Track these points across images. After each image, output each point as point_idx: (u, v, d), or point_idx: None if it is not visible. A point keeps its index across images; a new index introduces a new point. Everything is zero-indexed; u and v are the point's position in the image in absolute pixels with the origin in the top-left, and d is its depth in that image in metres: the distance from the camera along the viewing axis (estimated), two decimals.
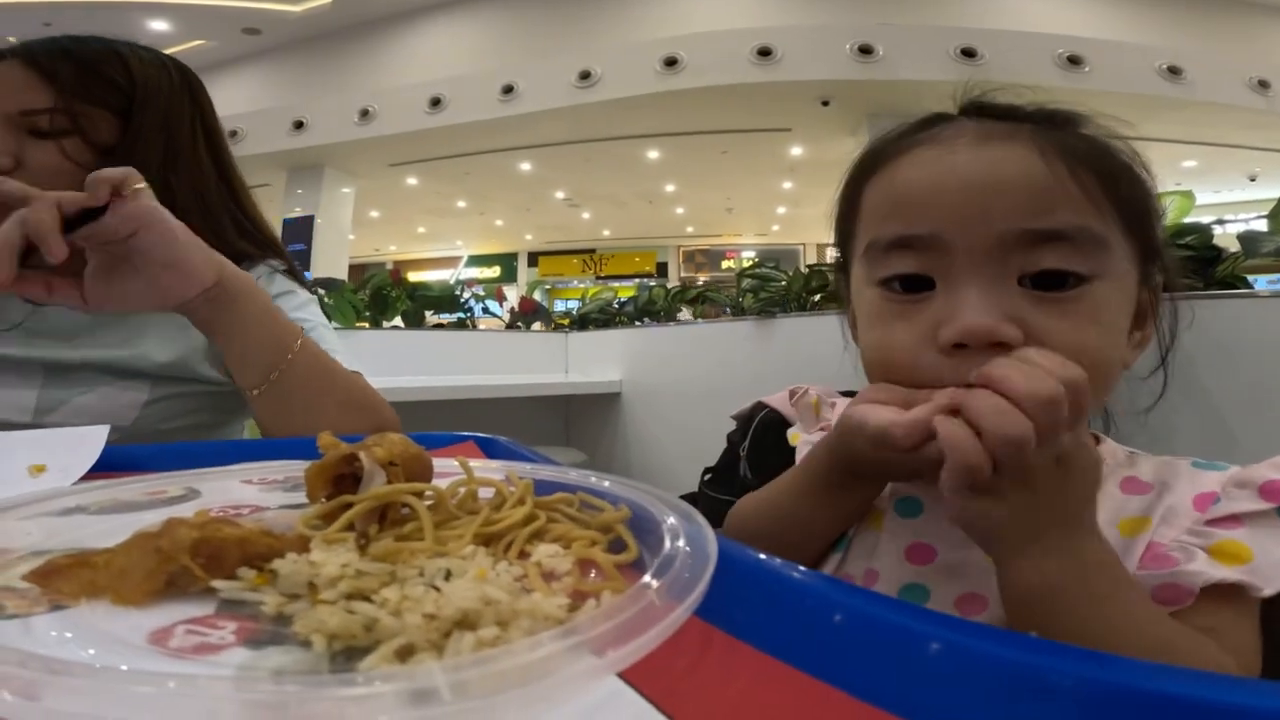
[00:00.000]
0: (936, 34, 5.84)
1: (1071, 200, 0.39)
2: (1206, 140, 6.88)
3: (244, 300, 0.66)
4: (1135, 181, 0.43)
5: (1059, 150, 0.41)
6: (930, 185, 0.42)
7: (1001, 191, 0.40)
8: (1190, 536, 0.39)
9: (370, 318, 3.29)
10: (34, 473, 0.44)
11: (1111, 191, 0.41)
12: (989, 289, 0.39)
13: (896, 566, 0.44)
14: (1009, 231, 0.39)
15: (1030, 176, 0.40)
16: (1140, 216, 0.43)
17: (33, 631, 0.21)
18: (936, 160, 0.42)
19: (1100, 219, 0.40)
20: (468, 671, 0.16)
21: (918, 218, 0.41)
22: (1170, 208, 1.91)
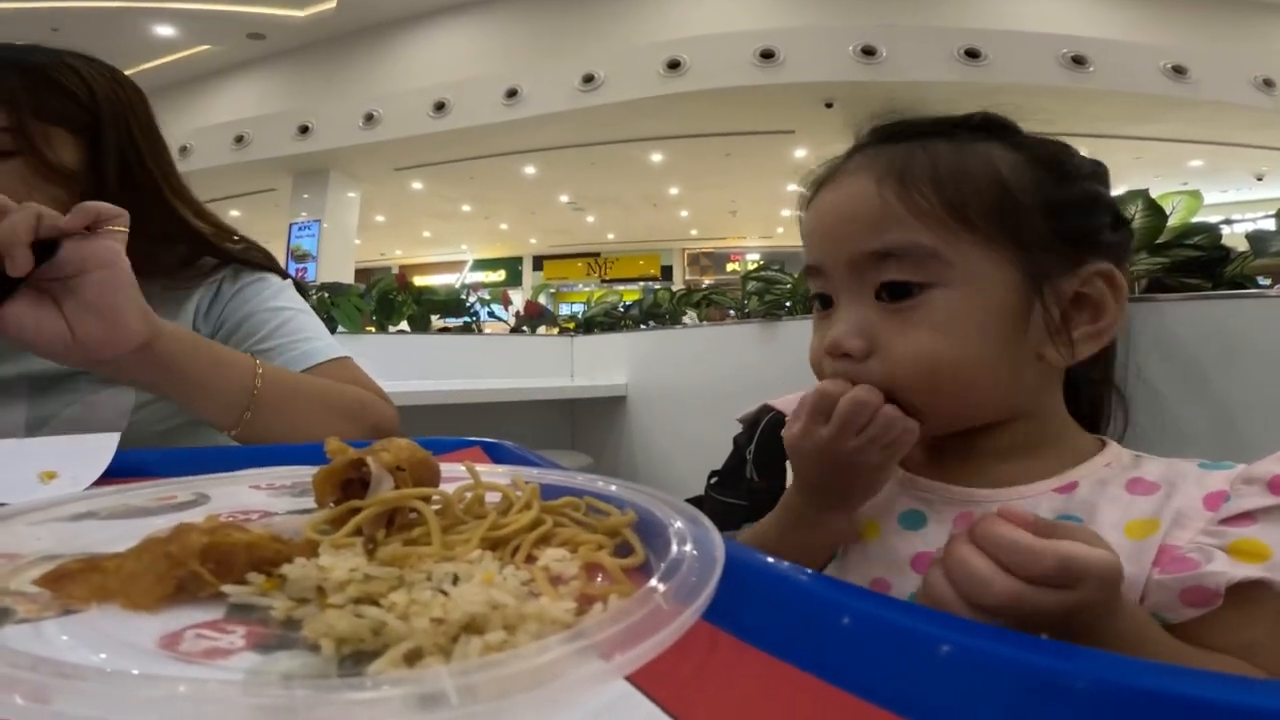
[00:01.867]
0: (940, 35, 5.83)
1: (899, 220, 0.44)
2: (1212, 140, 6.86)
3: (185, 361, 0.62)
4: (1000, 183, 0.45)
5: (896, 174, 0.45)
6: (813, 223, 0.50)
7: (846, 221, 0.47)
8: (1206, 537, 0.39)
9: (376, 322, 3.30)
10: (45, 479, 0.45)
11: (954, 203, 0.44)
12: (852, 304, 0.47)
13: (907, 576, 0.46)
14: (854, 254, 0.46)
15: (866, 204, 0.46)
16: (1009, 216, 0.44)
17: (43, 636, 0.21)
18: (820, 200, 0.50)
19: (931, 231, 0.44)
20: (475, 675, 0.16)
21: (811, 251, 0.50)
22: (1178, 208, 1.90)
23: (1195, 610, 0.38)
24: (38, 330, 0.55)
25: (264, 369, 0.68)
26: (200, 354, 0.64)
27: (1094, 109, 6.04)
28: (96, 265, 0.55)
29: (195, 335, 0.66)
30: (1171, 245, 1.73)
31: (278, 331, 0.80)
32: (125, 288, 0.56)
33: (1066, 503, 0.44)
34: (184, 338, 0.63)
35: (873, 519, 0.50)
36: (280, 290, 0.84)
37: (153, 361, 0.60)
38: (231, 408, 0.66)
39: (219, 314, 0.82)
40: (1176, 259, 1.69)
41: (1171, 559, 0.39)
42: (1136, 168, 7.37)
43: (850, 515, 0.49)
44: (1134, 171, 7.31)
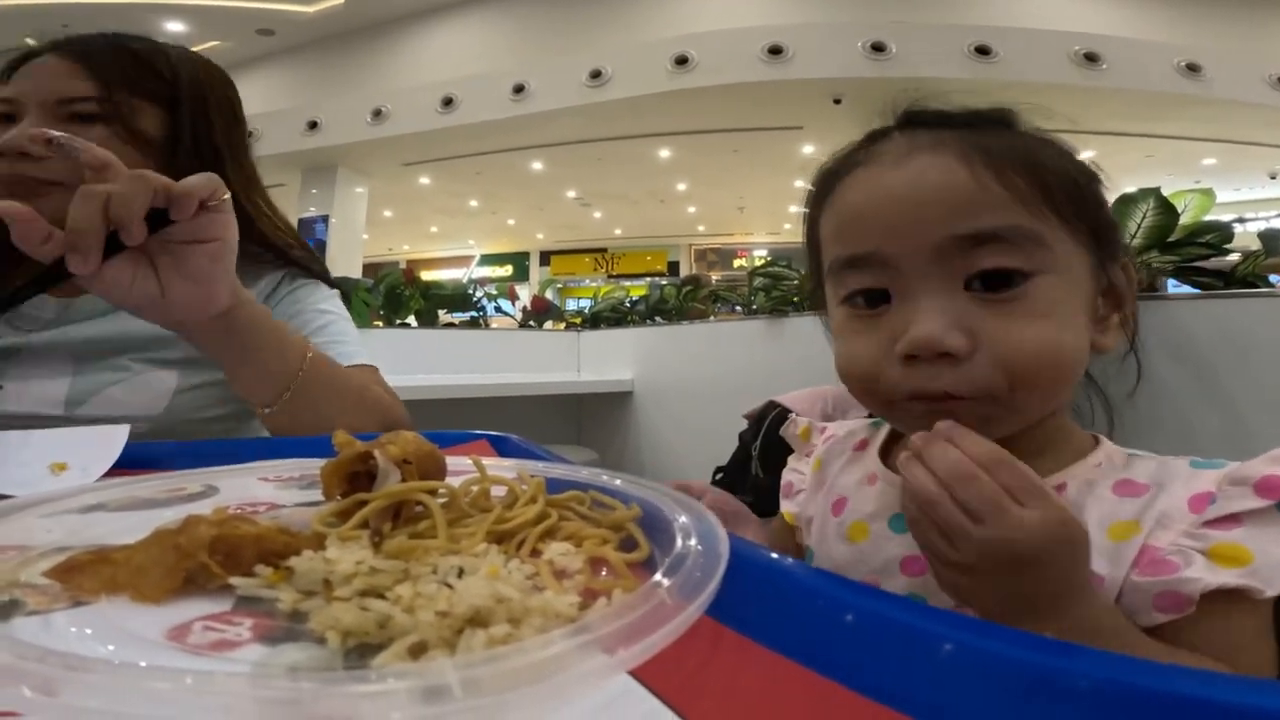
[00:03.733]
0: (950, 31, 5.79)
1: (998, 201, 0.41)
2: (1226, 138, 6.80)
3: (253, 330, 0.64)
4: (1067, 172, 0.44)
5: (983, 153, 0.42)
6: (866, 205, 0.44)
7: (928, 201, 0.41)
8: (1188, 540, 0.38)
9: (384, 316, 3.31)
10: (56, 470, 0.45)
11: (1042, 186, 0.41)
12: (937, 297, 0.41)
13: (896, 578, 0.46)
14: (942, 239, 0.41)
15: (954, 183, 0.41)
16: (1080, 204, 0.43)
17: (53, 628, 0.22)
18: (870, 180, 0.45)
19: (1032, 215, 0.41)
20: (479, 668, 0.17)
21: (861, 238, 0.44)
22: (1189, 206, 1.88)
23: (1166, 615, 0.38)
24: (131, 289, 0.55)
25: (312, 354, 0.70)
26: (266, 326, 0.66)
27: (1106, 107, 5.99)
28: (210, 237, 0.56)
29: (265, 308, 0.68)
30: (1183, 243, 1.71)
31: (319, 331, 0.83)
32: (225, 259, 0.58)
33: None
34: (257, 309, 0.65)
35: (861, 521, 0.49)
36: (328, 296, 0.89)
37: (225, 327, 0.62)
38: (276, 384, 0.67)
39: (274, 306, 0.85)
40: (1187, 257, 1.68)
41: (1150, 561, 0.39)
42: (1149, 166, 7.31)
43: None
44: (1146, 170, 7.25)
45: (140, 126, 0.77)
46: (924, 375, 0.40)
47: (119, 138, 0.75)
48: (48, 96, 0.73)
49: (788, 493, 0.59)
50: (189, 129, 0.80)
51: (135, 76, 0.77)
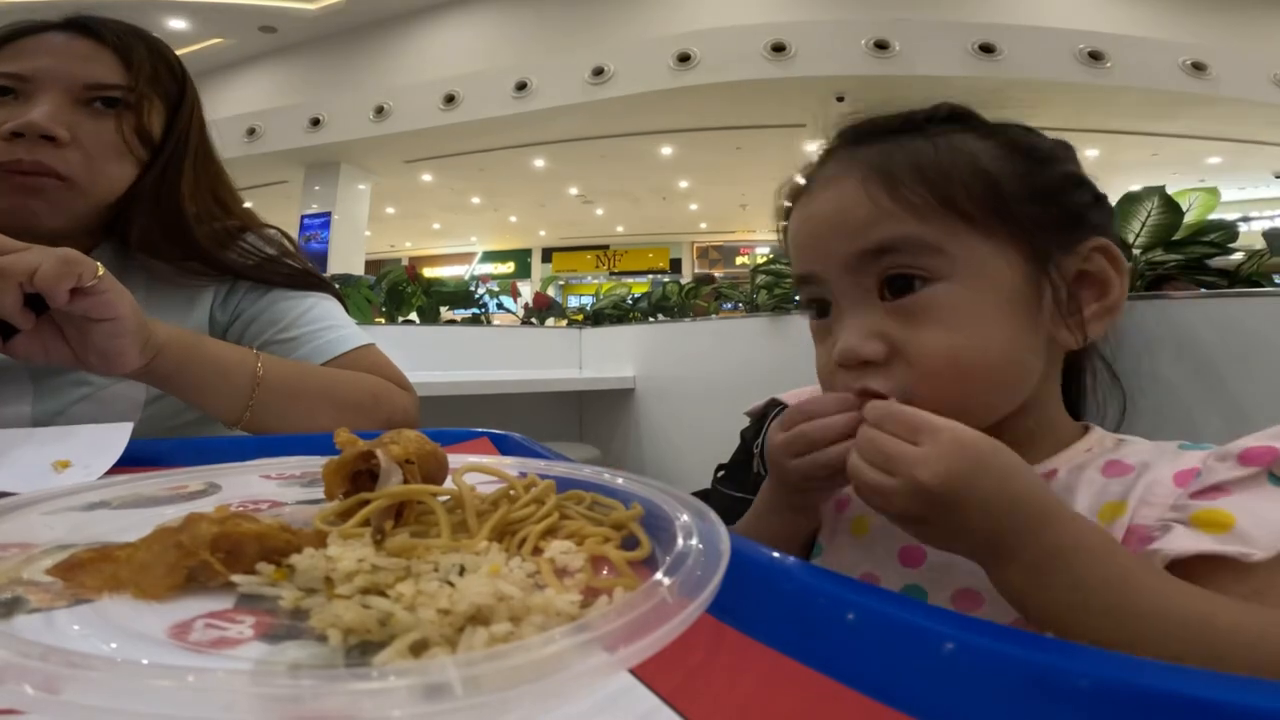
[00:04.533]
0: (954, 29, 5.77)
1: (889, 216, 0.44)
2: (1231, 136, 6.77)
3: (184, 370, 0.64)
4: (985, 173, 0.44)
5: (880, 172, 0.45)
6: (798, 230, 0.49)
7: (836, 224, 0.46)
8: (1172, 513, 0.38)
9: (386, 313, 3.31)
10: (58, 468, 0.45)
11: (942, 196, 0.43)
12: (856, 308, 0.45)
13: (894, 569, 0.46)
14: (849, 255, 0.45)
15: (855, 205, 0.45)
16: (1000, 203, 0.44)
17: (55, 625, 0.22)
18: (804, 207, 0.49)
19: (925, 224, 0.43)
20: (481, 666, 0.17)
21: (802, 259, 0.49)
22: (1194, 204, 1.88)
23: None
24: (47, 357, 0.58)
25: (265, 368, 0.69)
26: (195, 362, 0.66)
27: (1111, 105, 5.98)
28: (98, 318, 0.56)
29: (195, 341, 0.67)
30: (1187, 242, 1.71)
31: (299, 321, 0.80)
32: (126, 333, 0.57)
33: None
34: (181, 348, 0.64)
35: (863, 515, 0.50)
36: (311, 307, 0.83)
37: (150, 375, 0.63)
38: (232, 407, 0.68)
39: (235, 304, 0.82)
40: (1192, 256, 1.67)
41: (1138, 539, 0.39)
42: (1153, 164, 7.30)
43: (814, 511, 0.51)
44: (1151, 168, 7.24)
45: (149, 123, 0.76)
46: (852, 380, 0.45)
47: (127, 132, 0.74)
48: (75, 78, 0.71)
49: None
50: (177, 130, 0.78)
51: (155, 69, 0.76)
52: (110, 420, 0.70)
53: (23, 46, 0.71)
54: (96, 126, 0.72)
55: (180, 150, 0.78)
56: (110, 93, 0.72)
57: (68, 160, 0.69)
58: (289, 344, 0.79)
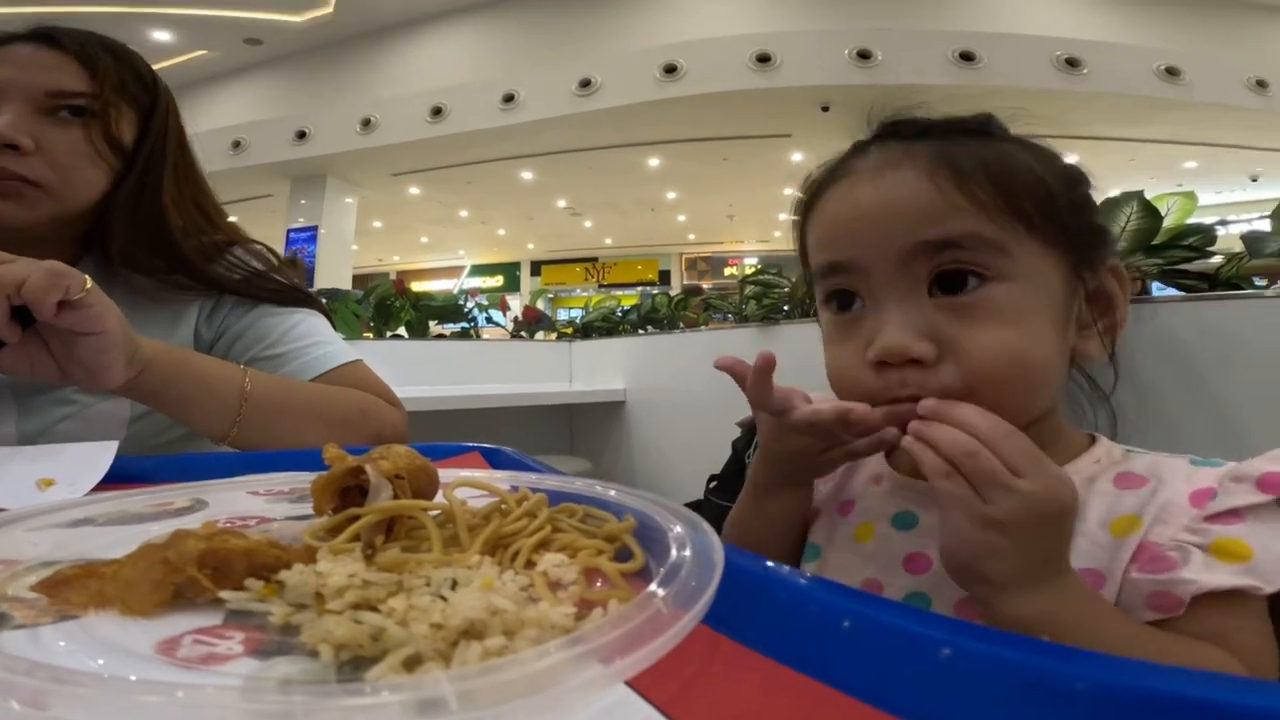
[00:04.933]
0: (935, 38, 5.85)
1: (958, 211, 0.42)
2: (1206, 141, 6.88)
3: (169, 386, 0.64)
4: (1040, 179, 0.45)
5: (949, 165, 0.43)
6: (842, 218, 0.47)
7: (894, 213, 0.44)
8: (1188, 535, 0.39)
9: (374, 328, 3.29)
10: (43, 486, 0.45)
11: (1007, 195, 0.43)
12: (902, 304, 0.43)
13: (898, 576, 0.46)
14: (906, 246, 0.43)
15: (918, 195, 0.43)
16: (1052, 211, 0.44)
17: (40, 641, 0.21)
18: (846, 192, 0.47)
19: (993, 223, 0.42)
20: (474, 681, 0.16)
21: (838, 248, 0.46)
22: (1172, 209, 1.90)
23: (1157, 614, 0.38)
24: (32, 371, 0.57)
25: (253, 384, 0.69)
26: (182, 378, 0.65)
27: (1088, 111, 6.06)
28: (85, 331, 0.56)
29: (182, 356, 0.66)
30: (1166, 246, 1.73)
31: (286, 337, 0.80)
32: (113, 347, 0.57)
33: None
34: (168, 363, 0.64)
35: (868, 522, 0.50)
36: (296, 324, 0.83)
37: (136, 390, 0.62)
38: (218, 424, 0.67)
39: (221, 320, 0.81)
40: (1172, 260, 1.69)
41: (1150, 557, 0.39)
42: (1131, 169, 7.39)
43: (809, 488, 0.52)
44: (1128, 173, 7.33)
45: (119, 131, 0.75)
46: (894, 380, 0.42)
47: (96, 140, 0.73)
48: (38, 87, 0.70)
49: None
50: (151, 138, 0.78)
51: (122, 78, 0.76)
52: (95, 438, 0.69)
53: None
54: (63, 134, 0.72)
55: (157, 159, 0.78)
56: (74, 100, 0.72)
57: (33, 167, 0.69)
58: (275, 360, 0.78)
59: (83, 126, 0.73)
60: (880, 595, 0.46)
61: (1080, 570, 0.40)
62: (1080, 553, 0.40)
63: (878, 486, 0.51)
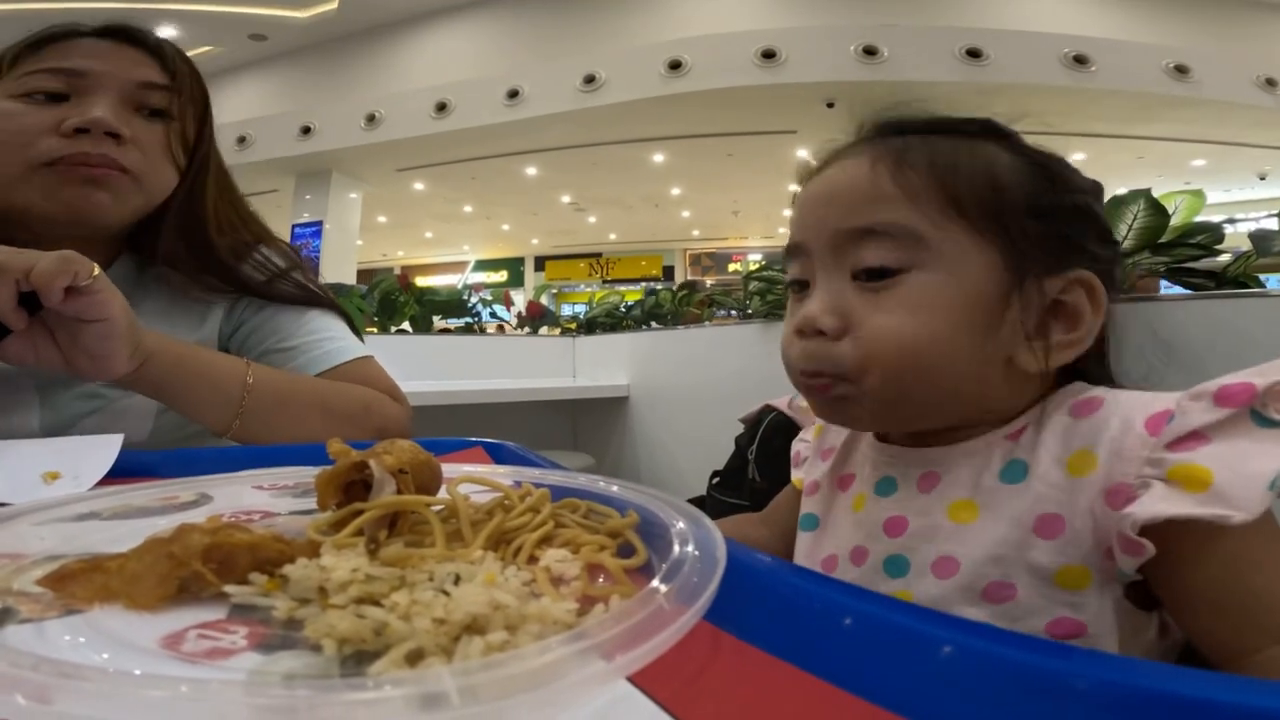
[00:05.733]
0: (941, 34, 5.83)
1: (886, 199, 0.43)
2: (1215, 139, 6.85)
3: (170, 380, 0.65)
4: (994, 178, 0.44)
5: (892, 157, 0.44)
6: (797, 203, 0.49)
7: (832, 200, 0.46)
8: (1149, 468, 0.36)
9: (378, 323, 3.30)
10: (48, 479, 0.45)
11: (942, 186, 0.43)
12: (828, 283, 0.45)
13: (879, 541, 0.46)
14: (837, 232, 0.45)
15: (854, 183, 0.45)
16: (997, 210, 0.43)
17: (46, 636, 0.21)
18: (811, 183, 0.49)
19: (918, 212, 0.43)
20: (477, 676, 0.16)
21: (793, 232, 0.49)
22: (1180, 207, 1.89)
23: (1135, 559, 0.35)
24: (36, 360, 0.58)
25: (255, 378, 0.69)
26: (184, 370, 0.66)
27: (1096, 108, 6.03)
28: (91, 318, 0.56)
29: (184, 350, 0.67)
30: (1174, 245, 1.72)
31: (298, 332, 0.81)
32: (117, 335, 0.57)
33: (1014, 447, 0.43)
34: (171, 356, 0.64)
35: (863, 493, 0.50)
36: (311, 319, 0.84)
37: (140, 381, 0.63)
38: (221, 416, 0.68)
39: (239, 314, 0.82)
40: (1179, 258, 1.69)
41: (1125, 499, 0.36)
42: (1139, 167, 7.36)
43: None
44: (1136, 171, 7.30)
45: (188, 133, 0.77)
46: (802, 349, 0.46)
47: (174, 139, 0.75)
48: (128, 80, 0.71)
49: (796, 461, 0.61)
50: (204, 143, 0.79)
51: (192, 82, 0.78)
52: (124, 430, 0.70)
53: (67, 48, 0.71)
54: (149, 129, 0.73)
55: (205, 164, 0.79)
56: (159, 95, 0.74)
57: (129, 157, 0.70)
58: (287, 354, 0.79)
59: (163, 125, 0.74)
60: (867, 559, 0.47)
61: (1040, 516, 0.39)
62: (1039, 496, 0.40)
63: (866, 457, 0.52)
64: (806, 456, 0.59)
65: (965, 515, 0.43)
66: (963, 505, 0.43)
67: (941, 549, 0.43)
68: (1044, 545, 0.39)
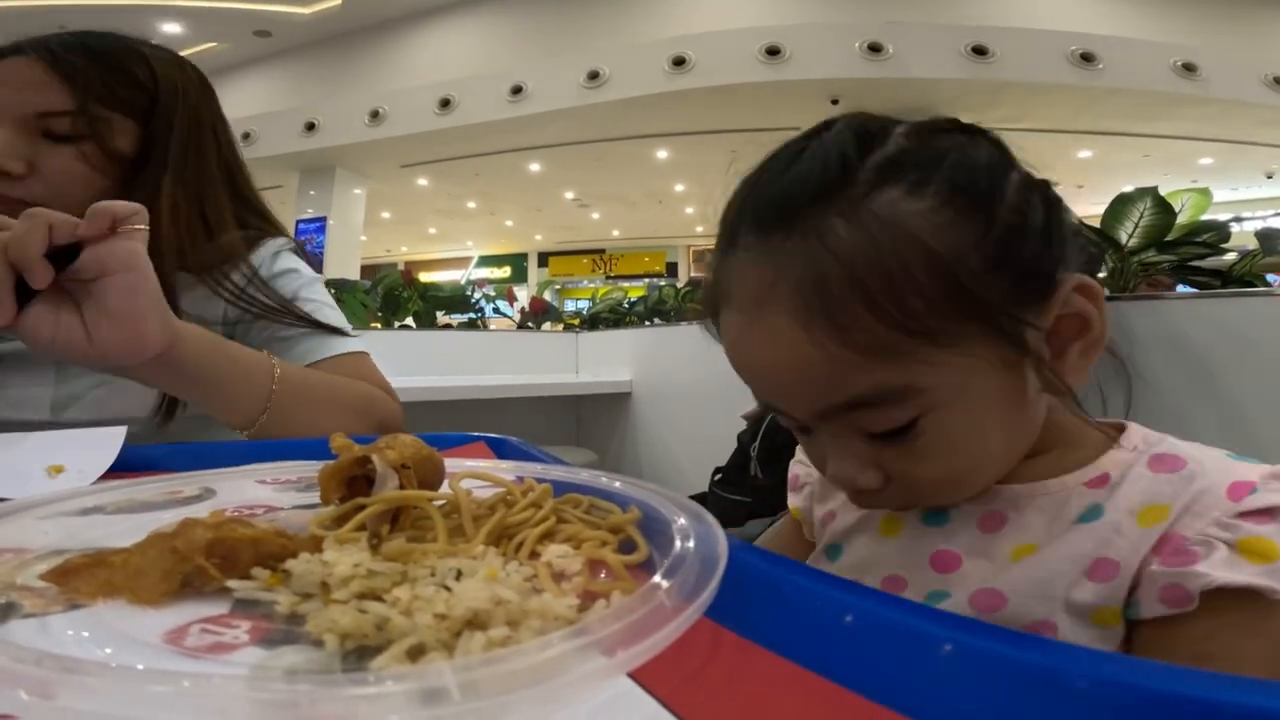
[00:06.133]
0: (947, 32, 5.80)
1: (848, 365, 0.37)
2: (1222, 137, 6.82)
3: (202, 366, 0.61)
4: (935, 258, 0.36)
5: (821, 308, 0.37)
6: (739, 366, 0.43)
7: (790, 382, 0.40)
8: (1217, 529, 0.37)
9: (382, 318, 3.31)
10: (52, 473, 0.45)
11: (902, 319, 0.36)
12: (842, 445, 0.42)
13: (923, 573, 0.45)
14: (817, 408, 0.40)
15: (803, 362, 0.38)
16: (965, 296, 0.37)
17: (49, 630, 0.21)
18: (733, 336, 0.43)
19: (896, 363, 0.37)
20: (478, 671, 0.16)
21: (756, 390, 0.44)
22: (1186, 205, 1.89)
23: (1168, 609, 0.36)
24: (56, 335, 0.53)
25: (280, 369, 0.67)
26: (218, 358, 0.62)
27: (1103, 106, 6.01)
28: (117, 268, 0.52)
29: (215, 337, 0.64)
30: (1180, 243, 1.72)
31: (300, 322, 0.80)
32: (146, 293, 0.54)
33: (1092, 495, 0.42)
34: (202, 341, 0.61)
35: (894, 516, 0.48)
36: (310, 282, 0.84)
37: (169, 366, 0.58)
38: (249, 410, 0.65)
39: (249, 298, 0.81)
40: (1185, 256, 1.68)
41: (1174, 549, 0.37)
42: (1145, 165, 7.33)
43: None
44: (1143, 169, 7.27)
45: (114, 144, 0.73)
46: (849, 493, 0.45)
47: (91, 156, 0.71)
48: (26, 109, 0.68)
49: (794, 486, 0.58)
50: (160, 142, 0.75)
51: (112, 86, 0.72)
52: (123, 406, 0.71)
53: None
54: (56, 155, 0.70)
55: (155, 167, 0.75)
56: (57, 120, 0.69)
57: (30, 189, 0.68)
58: (287, 340, 0.79)
59: (75, 145, 0.70)
60: (904, 590, 0.45)
61: (1099, 559, 0.39)
62: (1102, 540, 0.39)
63: None
64: (807, 483, 0.57)
65: (1025, 554, 0.42)
66: (1028, 548, 0.42)
67: (988, 582, 0.42)
68: (1091, 586, 0.39)
